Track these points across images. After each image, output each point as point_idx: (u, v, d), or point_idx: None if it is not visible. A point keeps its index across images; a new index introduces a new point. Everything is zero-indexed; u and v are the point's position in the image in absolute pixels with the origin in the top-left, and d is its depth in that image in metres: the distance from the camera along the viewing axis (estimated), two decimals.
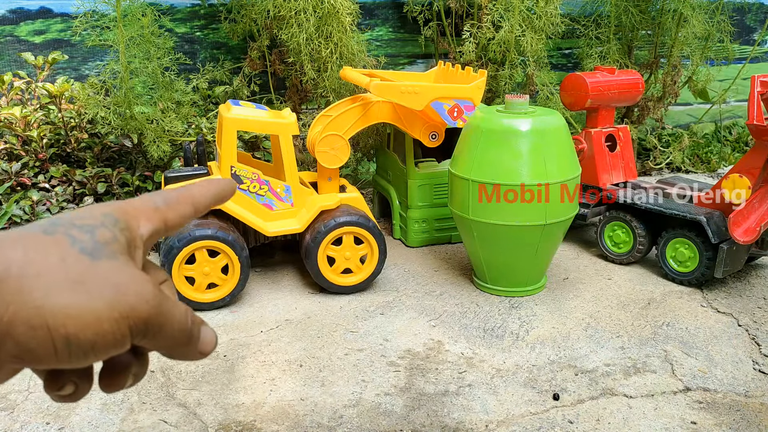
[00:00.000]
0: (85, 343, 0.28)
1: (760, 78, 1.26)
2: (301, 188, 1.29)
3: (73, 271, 0.30)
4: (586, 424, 0.91)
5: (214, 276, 1.22)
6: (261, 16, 1.64)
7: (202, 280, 1.21)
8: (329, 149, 1.29)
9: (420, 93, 1.31)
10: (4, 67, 1.73)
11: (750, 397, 0.98)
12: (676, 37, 2.02)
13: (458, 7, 1.92)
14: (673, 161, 2.20)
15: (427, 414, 0.94)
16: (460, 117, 1.35)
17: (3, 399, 0.97)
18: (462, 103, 1.34)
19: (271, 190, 1.26)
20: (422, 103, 1.32)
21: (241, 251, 1.21)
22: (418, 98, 1.31)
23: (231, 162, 1.24)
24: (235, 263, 1.21)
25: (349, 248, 1.27)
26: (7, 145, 1.48)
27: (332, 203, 1.30)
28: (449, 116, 1.34)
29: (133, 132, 1.52)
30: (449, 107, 1.33)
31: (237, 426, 0.91)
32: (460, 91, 1.35)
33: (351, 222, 1.26)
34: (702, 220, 1.27)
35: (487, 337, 1.14)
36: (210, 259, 1.21)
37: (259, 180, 1.25)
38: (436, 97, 1.33)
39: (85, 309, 0.29)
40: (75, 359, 0.29)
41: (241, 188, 1.24)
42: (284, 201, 1.28)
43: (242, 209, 1.25)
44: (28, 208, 1.33)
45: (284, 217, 1.28)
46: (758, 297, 1.30)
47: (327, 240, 1.25)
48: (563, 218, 1.24)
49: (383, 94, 1.30)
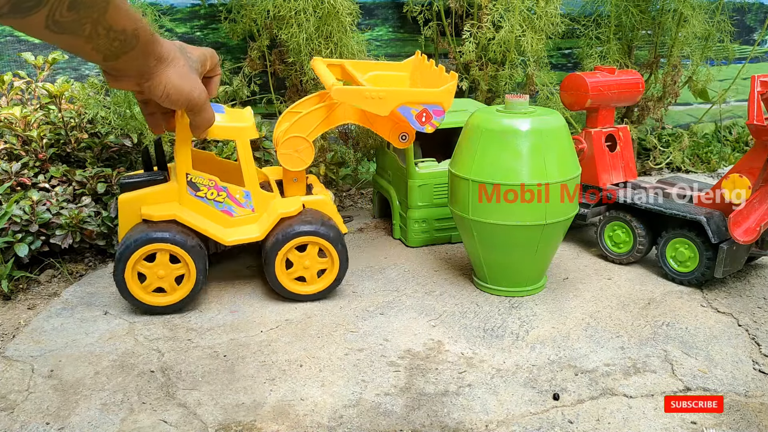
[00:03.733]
0: (177, 102, 0.86)
1: (760, 78, 1.26)
2: (261, 193, 1.25)
3: (184, 73, 0.86)
4: (586, 424, 0.91)
5: (166, 282, 1.20)
6: (261, 16, 1.64)
7: (152, 281, 1.19)
8: (292, 151, 1.25)
9: (385, 98, 1.21)
10: (4, 67, 1.73)
11: (750, 397, 0.98)
12: (676, 37, 2.02)
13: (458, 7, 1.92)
14: (673, 161, 2.20)
15: (427, 414, 0.94)
16: (428, 122, 1.25)
17: (3, 399, 0.97)
18: (431, 108, 1.24)
19: (230, 196, 1.22)
20: (387, 108, 1.22)
21: (198, 259, 1.18)
22: (383, 103, 1.22)
23: (186, 169, 1.20)
24: (191, 270, 1.19)
25: (310, 258, 1.25)
26: (7, 145, 1.48)
27: (293, 209, 1.24)
28: (417, 121, 1.24)
29: (133, 132, 1.51)
30: (417, 112, 1.23)
31: (237, 426, 0.91)
32: (429, 96, 1.24)
33: (309, 231, 1.23)
34: (702, 220, 1.27)
35: (487, 337, 1.15)
36: (169, 264, 1.19)
37: (216, 186, 1.21)
38: (402, 102, 1.23)
39: (182, 89, 0.86)
40: (174, 106, 0.87)
41: (198, 195, 1.21)
42: (244, 207, 1.24)
43: (200, 218, 1.21)
44: (28, 208, 1.33)
45: (245, 223, 1.24)
46: (758, 297, 1.30)
47: (285, 249, 1.22)
48: (563, 218, 1.24)
49: (346, 98, 1.22)
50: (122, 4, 0.74)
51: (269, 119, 1.83)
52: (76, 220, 1.36)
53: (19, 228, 1.32)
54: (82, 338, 1.14)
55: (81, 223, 1.38)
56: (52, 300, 1.29)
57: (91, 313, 1.23)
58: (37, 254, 1.37)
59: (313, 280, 1.27)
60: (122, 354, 1.09)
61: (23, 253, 1.30)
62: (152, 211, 1.19)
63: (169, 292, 1.21)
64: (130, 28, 0.77)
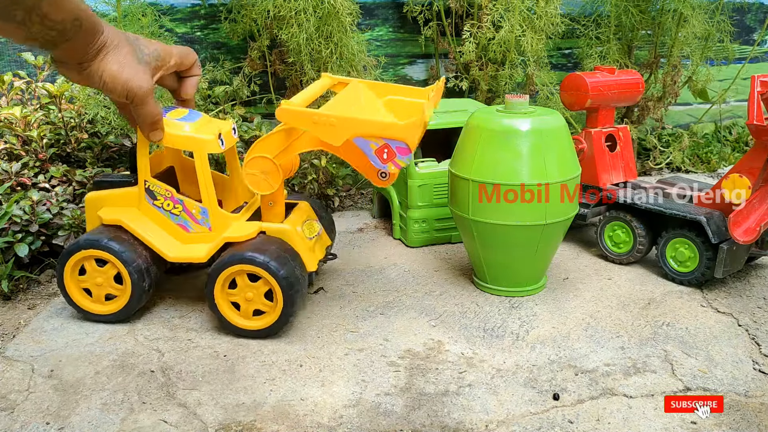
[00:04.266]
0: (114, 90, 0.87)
1: (760, 78, 1.26)
2: (221, 212, 1.14)
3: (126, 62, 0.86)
4: (586, 424, 0.91)
5: (104, 291, 1.15)
6: (261, 16, 1.64)
7: (91, 288, 1.15)
8: (258, 172, 1.10)
9: (336, 126, 1.02)
10: (4, 67, 1.73)
11: (750, 397, 0.98)
12: (676, 37, 2.02)
13: (458, 7, 1.92)
14: (673, 161, 2.20)
15: (427, 414, 0.94)
16: (391, 160, 1.04)
17: (3, 399, 0.97)
18: (394, 144, 1.02)
19: (185, 210, 1.14)
20: (340, 137, 1.03)
21: (130, 264, 1.11)
22: (334, 131, 1.02)
23: (144, 176, 1.13)
24: (125, 277, 1.12)
25: (247, 288, 1.10)
26: (7, 145, 1.48)
27: (242, 234, 1.11)
28: (377, 157, 1.04)
29: (133, 132, 1.52)
30: (377, 147, 1.03)
31: (237, 426, 0.91)
32: (388, 130, 1.02)
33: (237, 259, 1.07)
34: (702, 220, 1.27)
35: (487, 337, 1.15)
36: (98, 269, 1.14)
37: (172, 198, 1.14)
38: (357, 133, 1.03)
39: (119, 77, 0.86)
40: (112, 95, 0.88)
41: (155, 204, 1.14)
42: (200, 224, 1.14)
43: (151, 227, 1.14)
44: (28, 208, 1.33)
45: (199, 241, 1.15)
46: (758, 297, 1.30)
47: (224, 275, 1.09)
48: (563, 218, 1.24)
49: (290, 120, 1.05)
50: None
51: (269, 119, 1.83)
52: (78, 220, 1.36)
53: (19, 228, 1.32)
54: (82, 338, 1.14)
55: (82, 223, 1.38)
56: (52, 300, 1.29)
57: None
58: (37, 254, 1.37)
59: (269, 306, 1.11)
60: (122, 354, 1.09)
61: (23, 253, 1.30)
62: (106, 213, 1.15)
63: (104, 301, 1.16)
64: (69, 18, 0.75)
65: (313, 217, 1.23)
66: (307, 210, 1.23)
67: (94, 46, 0.83)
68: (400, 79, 2.12)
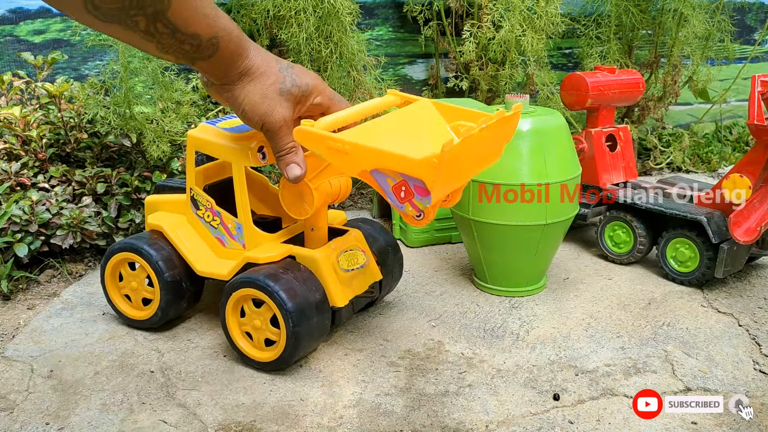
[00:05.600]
0: (251, 120, 0.85)
1: (760, 78, 1.26)
2: (255, 229, 1.06)
3: (268, 93, 0.83)
4: (586, 425, 0.91)
5: (139, 296, 1.14)
6: (261, 16, 1.64)
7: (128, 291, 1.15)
8: (295, 195, 1.01)
9: (351, 155, 0.86)
10: (4, 67, 1.73)
11: (750, 397, 0.98)
12: (677, 37, 2.02)
13: (458, 7, 1.91)
14: (674, 161, 2.20)
15: (427, 414, 0.93)
16: (408, 200, 0.87)
17: (3, 399, 0.97)
18: (412, 182, 0.85)
19: (222, 223, 1.09)
20: (354, 167, 0.88)
21: (162, 272, 1.09)
22: (348, 161, 0.87)
23: (189, 183, 1.10)
24: (155, 282, 1.10)
25: (254, 315, 1.02)
26: (7, 145, 1.48)
27: (265, 256, 1.02)
28: (394, 195, 0.88)
29: (133, 132, 1.51)
30: (394, 183, 0.87)
31: (237, 426, 0.91)
32: (406, 164, 0.83)
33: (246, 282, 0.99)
34: (702, 220, 1.27)
35: (487, 338, 1.14)
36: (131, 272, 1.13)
37: (211, 209, 1.09)
38: (374, 165, 0.86)
39: (258, 108, 0.83)
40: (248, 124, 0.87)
41: (198, 214, 1.11)
42: (235, 239, 1.08)
43: (191, 237, 1.11)
44: (27, 208, 1.33)
45: (231, 257, 1.08)
46: (759, 297, 1.30)
47: (235, 297, 1.02)
48: (563, 218, 1.24)
49: (305, 142, 0.90)
50: (194, 5, 0.68)
51: None
52: (77, 220, 1.36)
53: (19, 228, 1.32)
54: (81, 338, 1.14)
55: (82, 223, 1.38)
56: (51, 300, 1.29)
57: (91, 313, 1.23)
58: (37, 254, 1.37)
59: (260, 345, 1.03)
60: (122, 354, 1.09)
61: (23, 253, 1.30)
62: (153, 218, 1.15)
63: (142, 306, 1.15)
64: (204, 34, 0.71)
65: (360, 248, 1.09)
66: (357, 239, 1.10)
67: (235, 69, 0.78)
68: (400, 79, 2.12)
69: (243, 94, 0.81)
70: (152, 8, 0.64)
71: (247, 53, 0.80)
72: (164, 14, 0.65)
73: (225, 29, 0.74)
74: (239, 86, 0.81)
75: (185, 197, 1.13)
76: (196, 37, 0.70)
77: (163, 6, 0.65)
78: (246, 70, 0.80)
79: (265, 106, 0.82)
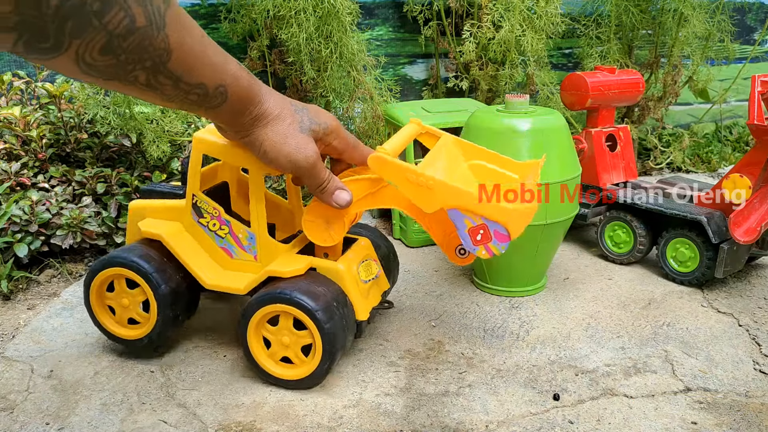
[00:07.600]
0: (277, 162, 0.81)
1: (760, 78, 1.26)
2: (270, 240, 0.99)
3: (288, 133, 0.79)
4: (586, 425, 0.91)
5: (133, 311, 1.03)
6: (261, 16, 1.64)
7: (120, 312, 1.04)
8: (321, 221, 0.95)
9: (434, 191, 0.86)
10: (4, 67, 1.73)
11: (750, 397, 0.98)
12: (677, 37, 2.02)
13: (458, 7, 1.91)
14: (674, 161, 2.20)
15: (427, 414, 0.93)
16: (484, 243, 0.89)
17: (3, 399, 0.97)
18: (492, 227, 0.87)
19: (231, 233, 1.00)
20: (433, 204, 0.88)
21: (156, 287, 0.99)
22: (429, 196, 0.86)
23: (193, 189, 1.01)
24: (151, 300, 1.01)
25: (286, 332, 0.95)
26: (7, 145, 1.48)
27: (289, 269, 0.95)
28: (469, 237, 0.88)
29: (133, 132, 1.51)
30: (473, 225, 0.88)
31: (237, 426, 0.91)
32: (490, 209, 0.87)
33: (279, 298, 0.92)
34: (702, 220, 1.27)
35: (487, 338, 1.14)
36: (128, 291, 1.03)
37: (219, 218, 1.00)
38: (455, 204, 0.87)
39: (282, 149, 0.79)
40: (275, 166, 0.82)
41: (200, 222, 1.02)
42: (246, 251, 1.00)
43: (193, 247, 1.02)
44: (27, 208, 1.33)
45: (242, 270, 1.01)
46: (759, 297, 1.30)
47: (259, 314, 0.95)
48: (563, 218, 1.24)
49: (381, 171, 0.89)
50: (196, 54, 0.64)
51: None
52: (77, 220, 1.36)
53: (19, 228, 1.32)
54: (81, 338, 1.14)
55: (82, 223, 1.38)
56: (51, 300, 1.29)
57: None
58: (37, 254, 1.37)
59: (301, 361, 0.97)
60: (122, 354, 1.09)
61: (23, 253, 1.30)
62: (147, 225, 1.03)
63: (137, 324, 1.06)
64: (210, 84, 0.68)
65: (372, 256, 1.05)
66: (368, 248, 1.06)
67: (248, 116, 0.75)
68: (400, 79, 2.12)
69: (261, 138, 0.78)
70: (151, 61, 0.60)
71: (259, 98, 0.76)
72: (165, 66, 0.61)
73: (233, 76, 0.71)
74: (255, 132, 0.78)
75: (179, 203, 1.04)
76: (202, 87, 0.67)
77: (163, 58, 0.60)
78: (259, 115, 0.77)
79: (289, 146, 0.79)
